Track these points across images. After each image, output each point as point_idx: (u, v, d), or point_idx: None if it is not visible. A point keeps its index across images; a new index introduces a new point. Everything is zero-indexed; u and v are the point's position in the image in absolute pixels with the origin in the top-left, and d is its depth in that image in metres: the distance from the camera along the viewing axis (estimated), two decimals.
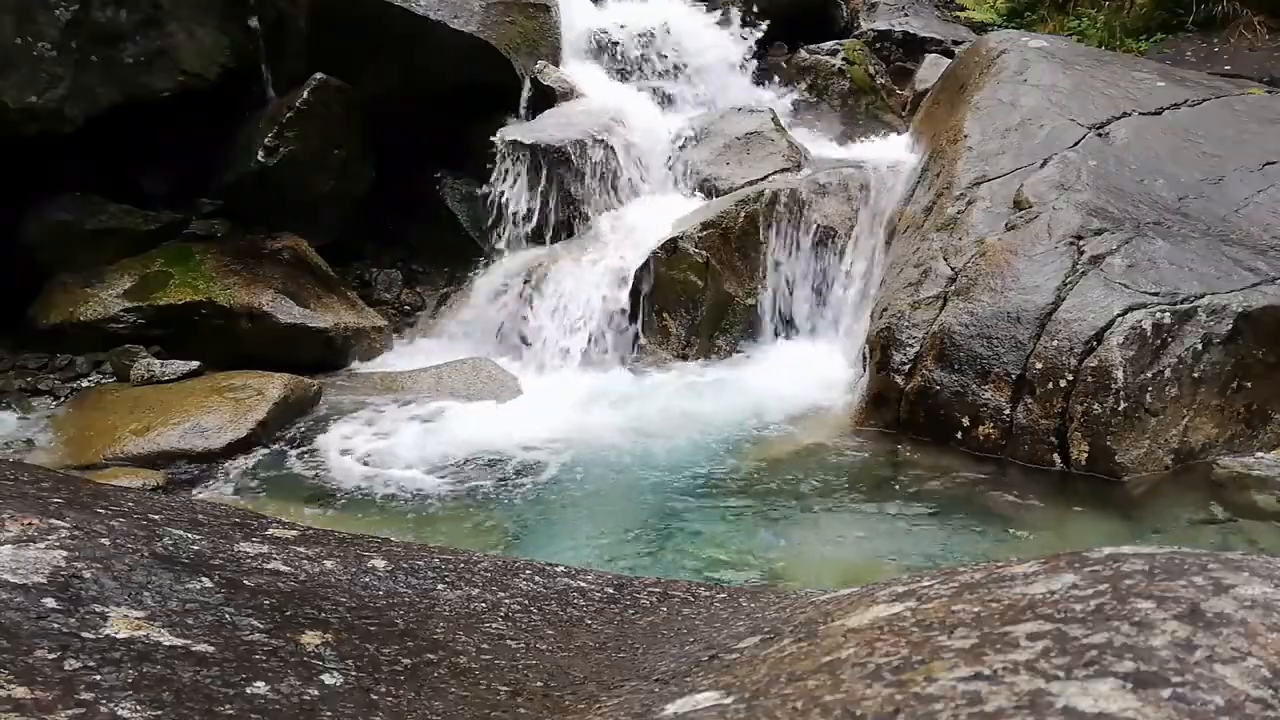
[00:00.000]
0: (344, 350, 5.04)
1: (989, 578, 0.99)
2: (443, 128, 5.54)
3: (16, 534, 1.17)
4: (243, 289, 4.91)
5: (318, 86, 5.25)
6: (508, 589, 1.41)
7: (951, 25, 7.67)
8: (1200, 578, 0.86)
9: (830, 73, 6.80)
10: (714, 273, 5.05)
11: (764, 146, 5.62)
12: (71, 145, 4.81)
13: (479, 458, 4.07)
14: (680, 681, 1.02)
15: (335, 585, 1.31)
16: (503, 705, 1.07)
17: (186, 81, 5.05)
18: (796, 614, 1.16)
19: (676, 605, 1.42)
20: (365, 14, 5.32)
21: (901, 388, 4.19)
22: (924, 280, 4.37)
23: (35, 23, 4.61)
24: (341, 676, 1.06)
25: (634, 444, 4.17)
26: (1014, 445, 3.89)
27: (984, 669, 0.76)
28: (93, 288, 4.85)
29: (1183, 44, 6.99)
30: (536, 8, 5.92)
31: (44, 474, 1.60)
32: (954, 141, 5.05)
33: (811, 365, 4.89)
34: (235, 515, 1.57)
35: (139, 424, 4.11)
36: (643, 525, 3.54)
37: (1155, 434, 3.74)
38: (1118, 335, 3.77)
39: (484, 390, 4.65)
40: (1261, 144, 4.86)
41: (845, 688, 0.79)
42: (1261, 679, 0.71)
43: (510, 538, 3.50)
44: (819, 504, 3.66)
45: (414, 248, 5.82)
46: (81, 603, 1.07)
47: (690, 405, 4.53)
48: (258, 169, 5.16)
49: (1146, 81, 5.35)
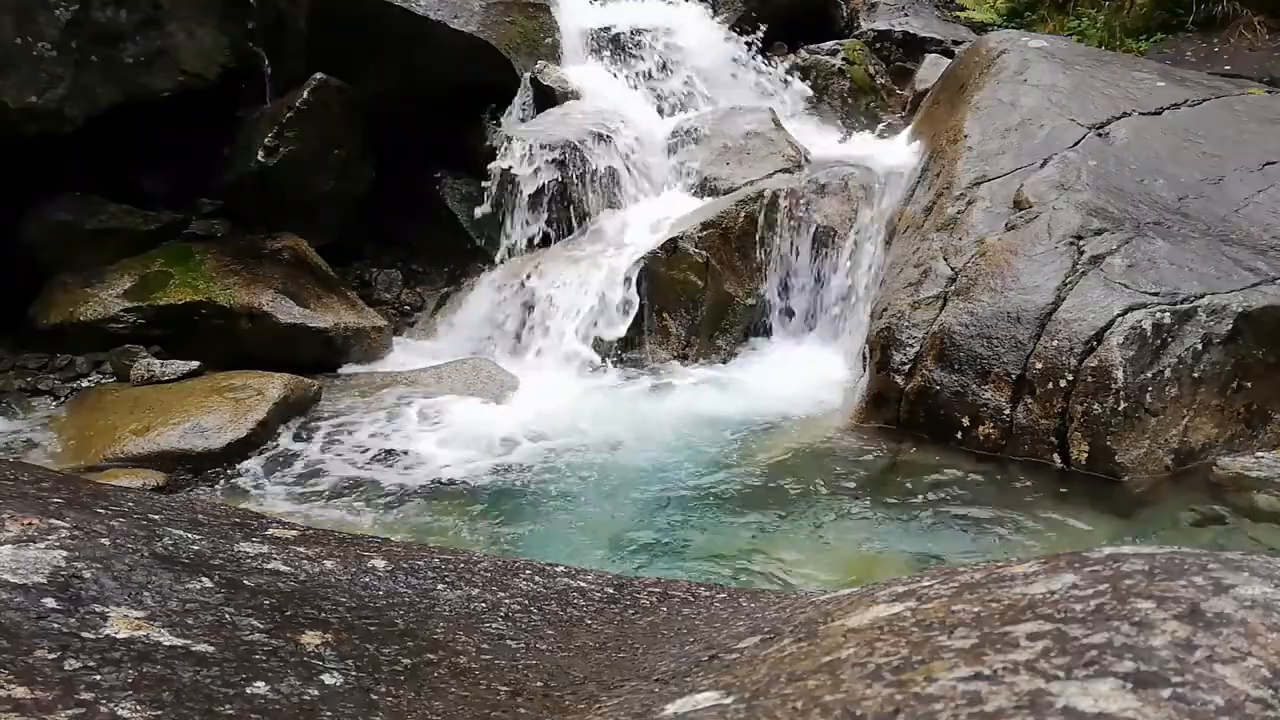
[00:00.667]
0: (344, 350, 5.04)
1: (989, 578, 0.99)
2: (443, 128, 5.54)
3: (16, 534, 1.17)
4: (243, 289, 4.91)
5: (318, 86, 5.25)
6: (508, 589, 1.41)
7: (951, 25, 7.67)
8: (1200, 578, 0.86)
9: (830, 73, 6.80)
10: (714, 273, 5.05)
11: (764, 146, 5.62)
12: (71, 145, 4.81)
13: (479, 457, 4.07)
14: (680, 681, 1.02)
15: (335, 585, 1.31)
16: (503, 705, 1.07)
17: (186, 81, 5.05)
18: (796, 614, 1.16)
19: (676, 605, 1.42)
20: (365, 14, 5.32)
21: (901, 387, 4.19)
22: (924, 280, 4.37)
23: (35, 23, 4.61)
24: (341, 676, 1.06)
25: (634, 444, 4.17)
26: (1014, 445, 3.89)
27: (984, 669, 0.76)
28: (93, 288, 4.85)
29: (1183, 44, 6.99)
30: (536, 8, 5.92)
31: (44, 474, 1.60)
32: (954, 141, 5.05)
33: (811, 365, 4.89)
34: (235, 515, 1.57)
35: (139, 424, 4.11)
36: (643, 525, 3.54)
37: (1155, 434, 3.74)
38: (1118, 335, 3.77)
39: (484, 390, 4.65)
40: (1261, 144, 4.86)
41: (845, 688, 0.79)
42: (1261, 679, 0.71)
43: (510, 538, 3.50)
44: (819, 504, 3.66)
45: (414, 248, 5.82)
46: (81, 603, 1.07)
47: (690, 405, 4.54)
48: (258, 169, 5.16)
49: (1146, 81, 5.35)
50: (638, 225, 5.32)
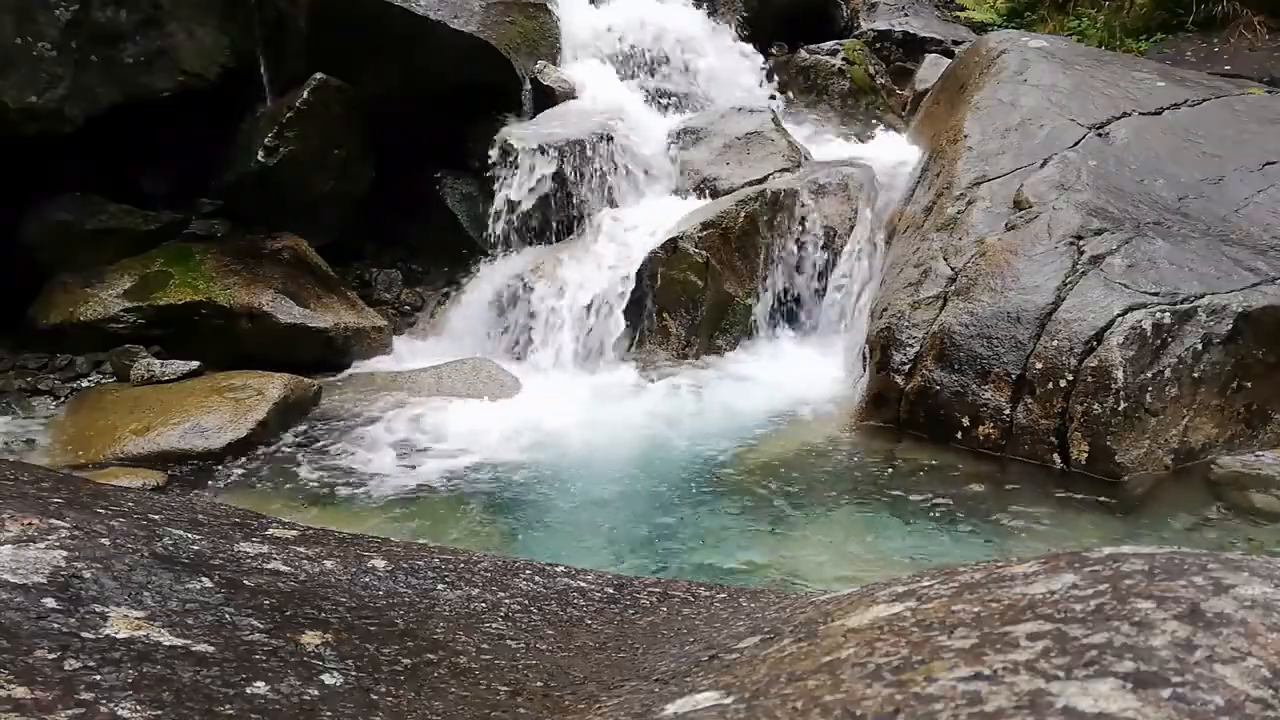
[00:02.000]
0: (344, 350, 5.04)
1: (989, 578, 0.99)
2: (443, 128, 5.55)
3: (16, 534, 1.17)
4: (243, 289, 4.91)
5: (318, 86, 5.25)
6: (508, 589, 1.41)
7: (951, 25, 7.68)
8: (1200, 578, 0.86)
9: (830, 73, 6.80)
10: (714, 273, 5.05)
11: (764, 146, 5.62)
12: (71, 145, 4.81)
13: (479, 457, 4.07)
14: (680, 681, 1.02)
15: (335, 585, 1.31)
16: (503, 705, 1.07)
17: (186, 81, 5.05)
18: (796, 614, 1.16)
19: (676, 605, 1.42)
20: (365, 14, 5.32)
21: (901, 387, 4.19)
22: (924, 280, 4.37)
23: (35, 23, 4.61)
24: (341, 676, 1.06)
25: (634, 443, 4.17)
26: (1014, 445, 3.89)
27: (984, 669, 0.76)
28: (93, 288, 4.85)
29: (1183, 44, 6.99)
30: (536, 8, 5.92)
31: (44, 474, 1.60)
32: (954, 141, 5.05)
33: (811, 365, 4.89)
34: (235, 515, 1.57)
35: (139, 424, 4.11)
36: (642, 525, 3.54)
37: (1155, 434, 3.74)
38: (1118, 335, 3.77)
39: (484, 390, 4.65)
40: (1261, 144, 4.86)
41: (845, 688, 0.79)
42: (1261, 679, 0.71)
43: (510, 537, 3.50)
44: (818, 504, 3.66)
45: (414, 248, 5.82)
46: (81, 603, 1.07)
47: (690, 405, 4.54)
48: (258, 169, 5.17)
49: (1146, 81, 5.35)
50: (637, 225, 5.32)
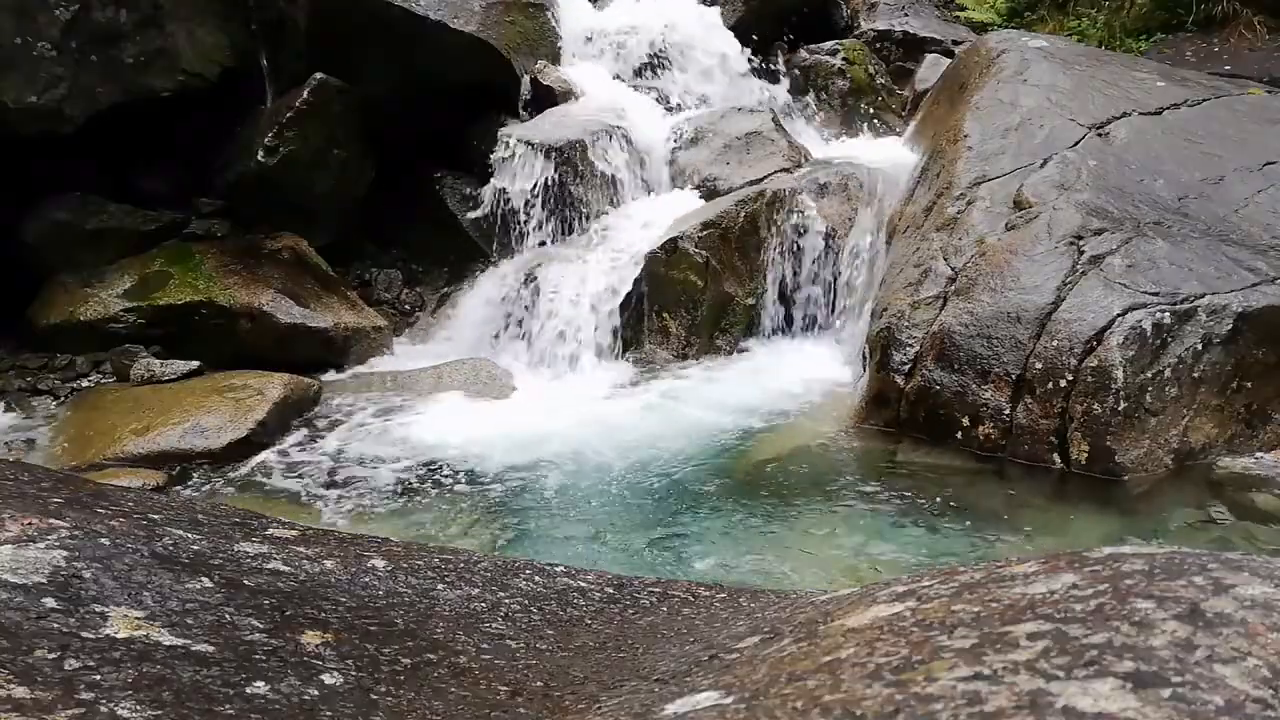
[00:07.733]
0: (344, 350, 5.04)
1: (989, 578, 0.99)
2: (442, 128, 5.54)
3: (16, 534, 1.17)
4: (243, 289, 4.91)
5: (318, 86, 5.25)
6: (508, 589, 1.41)
7: (951, 25, 7.67)
8: (1200, 578, 0.86)
9: (830, 73, 6.80)
10: (714, 273, 5.05)
11: (764, 146, 5.62)
12: (71, 145, 4.81)
13: (479, 457, 4.07)
14: (680, 681, 1.02)
15: (335, 585, 1.31)
16: (503, 705, 1.07)
17: (186, 81, 5.05)
18: (796, 614, 1.16)
19: (676, 605, 1.42)
20: (365, 14, 5.32)
21: (901, 387, 4.19)
22: (924, 280, 4.37)
23: (35, 23, 4.61)
24: (341, 676, 1.06)
25: (634, 443, 4.17)
26: (1014, 445, 3.88)
27: (984, 669, 0.76)
28: (93, 288, 4.85)
29: (1183, 44, 6.99)
30: (536, 8, 5.92)
31: (44, 474, 1.60)
32: (954, 141, 5.05)
33: (811, 365, 4.89)
34: (235, 515, 1.57)
35: (139, 424, 4.11)
36: (642, 525, 3.54)
37: (1155, 434, 3.74)
38: (1118, 335, 3.77)
39: (483, 390, 4.65)
40: (1261, 144, 4.86)
41: (845, 688, 0.79)
42: (1261, 679, 0.71)
43: (510, 537, 3.50)
44: (818, 504, 3.66)
45: (414, 248, 5.82)
46: (81, 603, 1.07)
47: (690, 405, 4.53)
48: (258, 169, 5.17)
49: (1146, 81, 5.35)
50: (638, 225, 5.32)
